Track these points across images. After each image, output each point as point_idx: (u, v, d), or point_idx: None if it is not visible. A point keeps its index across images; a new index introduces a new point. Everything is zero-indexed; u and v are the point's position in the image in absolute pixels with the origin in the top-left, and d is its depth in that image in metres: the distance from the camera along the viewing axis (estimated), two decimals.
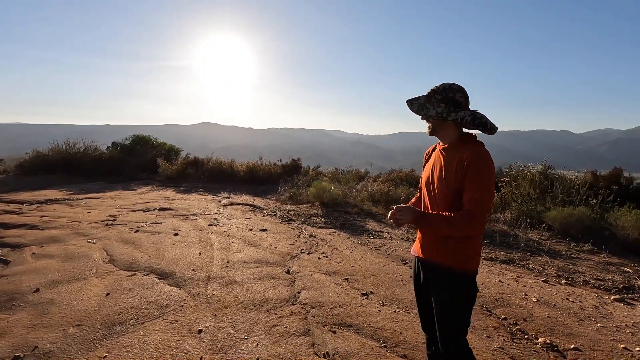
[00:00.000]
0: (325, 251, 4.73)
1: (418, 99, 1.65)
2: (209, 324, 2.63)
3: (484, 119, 1.56)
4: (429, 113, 1.60)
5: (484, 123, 1.56)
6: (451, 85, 1.61)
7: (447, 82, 1.64)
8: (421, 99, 1.65)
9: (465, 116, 1.55)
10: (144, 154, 15.41)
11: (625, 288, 3.69)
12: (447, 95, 1.59)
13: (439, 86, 1.62)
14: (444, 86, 1.61)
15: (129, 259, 4.08)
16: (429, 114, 1.61)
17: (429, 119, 1.63)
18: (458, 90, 1.59)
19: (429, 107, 1.61)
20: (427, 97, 1.64)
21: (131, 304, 2.91)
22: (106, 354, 2.25)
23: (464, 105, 1.59)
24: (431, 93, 1.63)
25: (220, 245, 4.74)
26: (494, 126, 1.58)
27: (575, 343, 2.52)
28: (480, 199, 1.46)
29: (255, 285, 3.42)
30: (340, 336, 2.54)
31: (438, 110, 1.58)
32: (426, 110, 1.61)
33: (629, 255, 4.83)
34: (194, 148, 27.11)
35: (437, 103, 1.60)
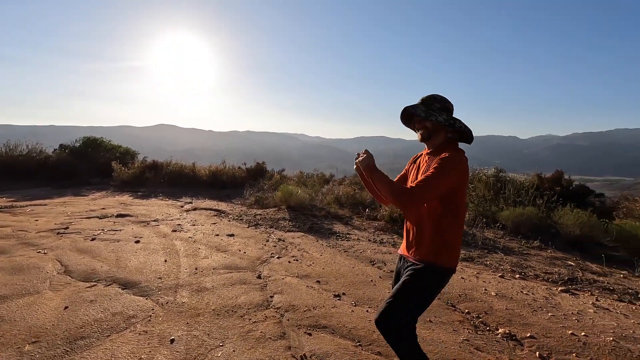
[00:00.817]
0: (295, 255, 4.74)
1: (417, 107, 1.75)
2: (181, 333, 2.55)
3: (462, 126, 1.73)
4: (438, 119, 1.71)
5: (461, 129, 1.74)
6: (442, 96, 1.76)
7: (433, 93, 1.78)
8: (422, 107, 1.75)
9: (463, 126, 1.71)
10: (97, 158, 14.47)
11: (570, 280, 4.07)
12: (444, 105, 1.74)
13: (436, 96, 1.76)
14: (440, 96, 1.76)
15: (87, 269, 3.83)
16: (438, 120, 1.71)
17: (438, 124, 1.73)
18: (448, 101, 1.76)
19: (435, 113, 1.72)
20: (426, 105, 1.75)
21: (94, 316, 2.74)
22: None
23: (452, 113, 1.78)
24: (429, 102, 1.75)
25: (187, 252, 4.59)
26: (471, 135, 1.77)
27: (530, 332, 2.75)
28: (425, 184, 1.58)
29: (227, 291, 3.35)
30: (316, 338, 2.57)
31: (444, 117, 1.71)
32: (436, 116, 1.71)
33: (572, 250, 5.32)
34: (149, 151, 25.85)
35: (439, 111, 1.73)
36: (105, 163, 13.91)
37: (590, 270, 4.45)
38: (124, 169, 12.65)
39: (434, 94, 1.77)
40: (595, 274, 4.32)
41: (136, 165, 13.19)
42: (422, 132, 1.77)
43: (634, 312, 3.26)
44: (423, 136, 1.78)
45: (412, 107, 1.75)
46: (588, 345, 2.56)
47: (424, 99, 1.76)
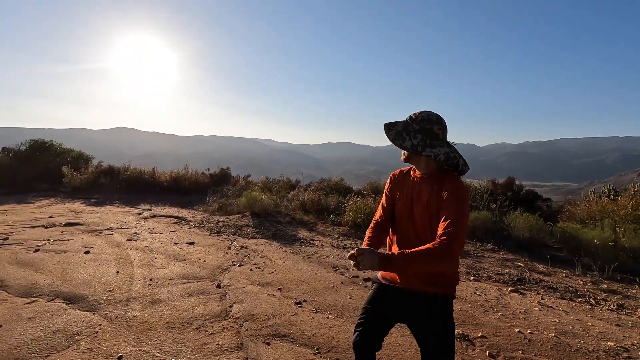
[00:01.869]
0: (258, 262, 4.66)
1: (395, 125, 1.58)
2: (131, 349, 2.40)
3: (457, 159, 1.52)
4: (404, 144, 1.54)
5: (455, 164, 1.52)
6: (429, 115, 1.54)
7: (426, 110, 1.57)
8: (399, 126, 1.58)
9: (439, 154, 1.49)
10: (45, 162, 13.45)
11: (519, 280, 4.32)
12: (424, 126, 1.53)
13: (418, 115, 1.56)
14: (422, 116, 1.54)
15: (27, 283, 3.53)
16: (404, 145, 1.54)
17: (403, 150, 1.57)
18: (436, 122, 1.53)
19: (405, 136, 1.54)
20: (404, 124, 1.58)
21: (31, 335, 2.52)
22: None
23: (440, 137, 1.54)
24: (409, 121, 1.58)
25: (142, 262, 4.37)
26: (465, 167, 1.55)
27: (482, 332, 2.87)
28: (457, 223, 1.37)
29: (183, 302, 3.22)
30: (275, 347, 2.53)
31: (414, 142, 1.52)
32: (401, 141, 1.54)
33: (521, 252, 5.66)
34: (107, 155, 24.53)
35: (414, 133, 1.54)
36: (55, 168, 12.95)
37: (537, 270, 4.75)
38: (75, 174, 11.85)
39: (424, 111, 1.56)
40: (541, 273, 4.62)
41: (90, 170, 12.41)
42: (403, 152, 1.59)
43: (573, 308, 3.52)
44: (404, 157, 1.60)
45: (388, 124, 1.59)
46: (532, 342, 2.71)
47: (410, 116, 1.58)
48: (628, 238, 5.21)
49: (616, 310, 3.52)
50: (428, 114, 1.54)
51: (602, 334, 2.92)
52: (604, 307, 3.58)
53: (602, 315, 3.39)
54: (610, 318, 3.31)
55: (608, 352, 2.61)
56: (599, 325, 3.10)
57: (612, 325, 3.12)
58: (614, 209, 6.45)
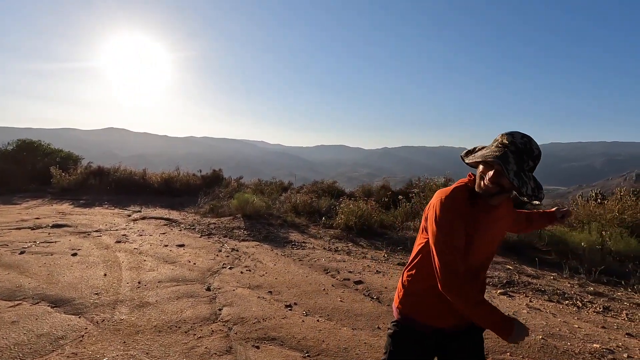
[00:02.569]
0: (248, 265, 4.63)
1: (506, 159, 1.17)
2: (117, 353, 2.37)
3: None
4: (528, 191, 1.18)
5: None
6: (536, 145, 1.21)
7: (527, 136, 1.21)
8: (510, 160, 1.17)
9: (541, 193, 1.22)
10: (33, 162, 13.20)
11: (508, 283, 4.37)
12: (537, 163, 1.22)
13: (534, 147, 1.20)
14: (539, 150, 1.21)
15: (11, 286, 3.45)
16: (528, 193, 1.18)
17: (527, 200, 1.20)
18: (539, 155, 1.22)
19: (525, 179, 1.19)
20: (516, 159, 1.19)
21: (14, 339, 2.47)
22: None
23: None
24: (521, 154, 1.19)
25: (130, 265, 4.31)
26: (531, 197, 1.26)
27: None
28: None
29: (172, 305, 3.18)
30: (264, 351, 2.51)
31: (532, 186, 1.20)
32: (525, 187, 1.17)
33: (510, 254, 5.71)
34: (97, 156, 24.21)
35: (528, 172, 1.22)
36: (43, 168, 12.73)
37: (525, 273, 4.80)
38: (64, 175, 11.66)
39: (531, 140, 1.20)
40: (529, 276, 4.67)
41: (79, 171, 12.21)
42: (493, 187, 1.22)
43: (561, 311, 3.56)
44: (490, 191, 1.23)
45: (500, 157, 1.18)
46: (520, 344, 2.74)
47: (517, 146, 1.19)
48: (614, 241, 5.30)
49: (602, 312, 3.57)
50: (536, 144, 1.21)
51: (588, 336, 2.96)
52: (590, 310, 3.63)
53: (588, 317, 3.43)
54: (596, 320, 3.35)
55: (594, 354, 2.64)
56: (585, 328, 3.14)
57: (598, 328, 3.17)
58: (601, 212, 6.56)
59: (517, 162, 1.18)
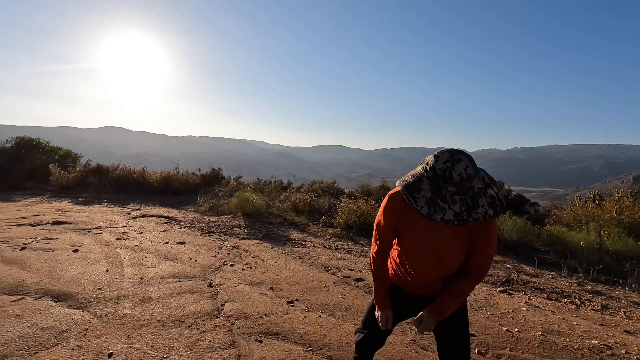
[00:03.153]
0: (249, 262, 4.65)
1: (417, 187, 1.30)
2: (121, 346, 2.38)
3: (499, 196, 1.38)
4: (446, 217, 1.29)
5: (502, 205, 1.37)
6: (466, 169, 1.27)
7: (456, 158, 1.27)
8: (423, 187, 1.30)
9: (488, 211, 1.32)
10: (32, 160, 13.18)
11: (507, 281, 4.40)
12: (463, 187, 1.29)
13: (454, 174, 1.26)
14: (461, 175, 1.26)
15: (14, 281, 3.46)
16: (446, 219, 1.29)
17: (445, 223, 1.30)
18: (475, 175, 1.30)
19: (441, 204, 1.29)
20: (433, 186, 1.31)
21: (19, 332, 2.48)
22: None
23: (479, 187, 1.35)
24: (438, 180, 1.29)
25: (132, 261, 4.32)
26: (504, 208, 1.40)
27: (471, 330, 2.92)
28: (491, 258, 1.45)
29: (174, 301, 3.20)
30: (267, 345, 2.54)
31: (455, 210, 1.29)
32: (442, 213, 1.29)
33: (509, 254, 5.76)
34: (95, 154, 24.15)
35: (450, 196, 1.30)
36: (41, 166, 12.71)
37: (524, 272, 4.84)
38: (63, 173, 11.64)
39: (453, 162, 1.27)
40: (528, 275, 4.71)
41: (78, 169, 12.20)
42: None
43: (560, 308, 3.60)
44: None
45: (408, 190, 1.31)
46: (520, 340, 2.77)
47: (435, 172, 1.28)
48: (612, 241, 5.35)
49: (600, 310, 3.61)
50: (465, 168, 1.25)
51: (586, 332, 3.00)
52: (588, 308, 3.67)
53: (587, 315, 3.47)
54: (594, 318, 3.39)
55: (592, 350, 2.68)
56: (583, 325, 3.17)
57: (596, 325, 3.20)
58: (599, 213, 6.61)
59: (433, 188, 1.29)
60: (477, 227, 1.37)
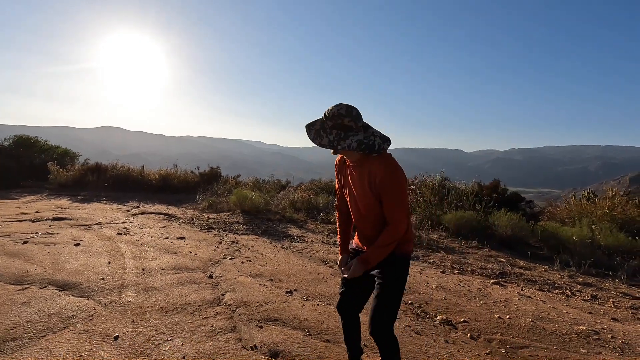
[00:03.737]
0: (249, 256, 4.74)
1: (314, 125, 1.68)
2: (126, 330, 2.47)
3: (371, 141, 1.63)
4: (322, 142, 1.64)
5: (370, 145, 1.62)
6: (339, 109, 1.61)
7: (337, 105, 1.64)
8: (317, 125, 1.67)
9: (352, 143, 1.61)
10: (30, 158, 13.21)
11: (501, 274, 4.51)
12: (336, 122, 1.61)
13: (329, 112, 1.63)
14: (333, 112, 1.61)
15: (18, 272, 3.54)
16: (322, 143, 1.64)
17: (322, 147, 1.66)
18: (346, 115, 1.60)
19: (322, 134, 1.64)
20: (321, 122, 1.67)
21: (26, 317, 2.56)
22: None
23: (354, 127, 1.63)
24: (324, 119, 1.66)
25: (133, 254, 4.40)
26: (382, 145, 1.64)
27: (464, 317, 3.02)
28: (398, 209, 1.63)
29: (176, 290, 3.29)
30: (267, 330, 2.63)
31: (330, 139, 1.63)
32: (320, 139, 1.65)
33: (504, 249, 5.87)
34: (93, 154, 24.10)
35: (329, 130, 1.64)
36: (40, 165, 12.74)
37: (518, 265, 4.95)
38: (62, 171, 11.68)
39: (335, 106, 1.64)
40: (522, 268, 4.82)
41: (76, 167, 12.25)
42: None
43: (551, 298, 3.70)
44: (333, 151, 1.70)
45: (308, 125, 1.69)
46: (511, 326, 2.87)
47: (324, 114, 1.66)
48: (604, 236, 5.47)
49: (590, 300, 3.72)
50: (338, 109, 1.62)
51: (575, 319, 3.11)
52: (578, 298, 3.78)
53: (576, 304, 3.58)
54: (584, 307, 3.50)
55: (580, 335, 2.78)
56: (573, 313, 3.28)
57: (585, 313, 3.31)
58: (592, 210, 6.74)
59: (320, 124, 1.67)
60: (377, 182, 1.65)
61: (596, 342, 2.69)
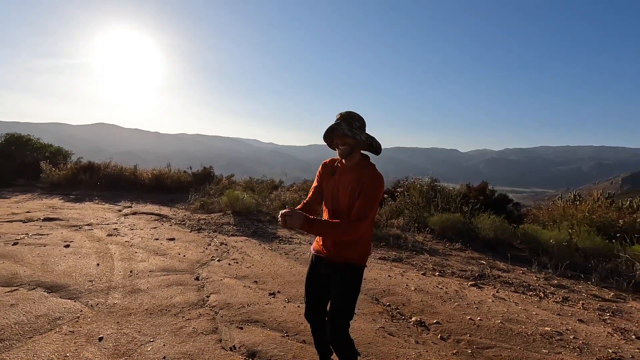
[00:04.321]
0: (236, 257, 4.85)
1: (341, 125, 1.81)
2: (111, 331, 2.58)
3: (375, 143, 1.91)
4: (361, 137, 1.82)
5: (375, 147, 1.92)
6: (353, 113, 1.85)
7: (350, 111, 1.86)
8: (345, 124, 1.82)
9: (376, 143, 1.89)
10: (22, 157, 13.19)
11: (480, 276, 4.67)
12: (362, 124, 1.85)
13: (354, 114, 1.85)
14: (358, 115, 1.85)
15: (7, 274, 3.62)
16: (361, 139, 1.82)
17: (361, 142, 1.84)
18: (358, 119, 1.85)
19: (357, 132, 1.82)
20: (348, 123, 1.82)
21: (14, 319, 2.66)
22: None
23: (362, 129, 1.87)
24: (349, 120, 1.83)
25: (122, 256, 4.50)
26: (380, 147, 1.93)
27: (437, 319, 3.17)
28: (365, 211, 1.75)
29: (162, 292, 3.40)
30: (247, 331, 2.75)
31: (365, 136, 1.85)
32: (358, 135, 1.81)
33: (486, 251, 6.04)
34: (86, 151, 24.06)
35: (358, 130, 1.83)
36: (32, 163, 12.73)
37: (497, 267, 5.12)
38: (54, 170, 11.69)
39: (351, 111, 1.84)
40: (501, 270, 4.99)
41: (69, 166, 12.26)
42: (344, 148, 1.83)
43: (524, 300, 3.87)
44: (345, 152, 1.84)
45: (337, 124, 1.82)
46: (480, 327, 3.02)
47: (344, 116, 1.82)
48: (581, 239, 5.65)
49: (561, 302, 3.89)
50: (357, 114, 1.87)
51: (542, 321, 3.27)
52: (550, 300, 3.95)
53: (547, 306, 3.74)
54: (554, 308, 3.67)
55: (544, 335, 2.94)
56: (542, 314, 3.44)
57: (554, 315, 3.47)
58: (574, 213, 6.93)
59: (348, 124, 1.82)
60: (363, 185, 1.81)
61: (558, 343, 2.85)
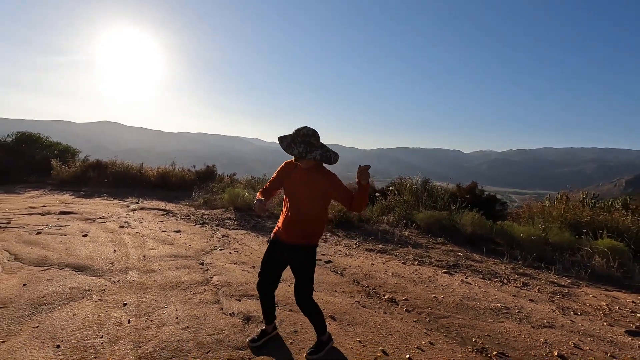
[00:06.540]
0: (237, 247, 5.41)
1: (286, 138, 2.31)
2: (132, 299, 3.14)
3: (329, 154, 2.31)
4: (293, 152, 2.26)
5: (327, 157, 2.31)
6: (307, 131, 2.28)
7: (304, 127, 2.30)
8: (288, 139, 2.31)
9: (316, 155, 2.27)
10: (32, 154, 13.79)
11: (454, 265, 5.21)
12: (305, 140, 2.27)
13: (300, 132, 2.28)
14: (303, 132, 2.27)
15: (38, 257, 4.19)
16: (293, 153, 2.27)
17: (293, 156, 2.32)
18: (312, 136, 2.28)
19: (293, 146, 2.27)
20: (292, 137, 2.30)
21: (53, 289, 3.23)
22: (38, 324, 2.63)
23: (316, 144, 2.29)
24: (294, 136, 2.30)
25: (135, 244, 5.06)
26: (335, 158, 2.34)
27: (406, 297, 3.71)
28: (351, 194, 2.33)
29: (172, 273, 3.96)
30: (244, 302, 3.30)
31: (299, 150, 2.26)
32: (291, 150, 2.27)
33: (466, 245, 6.57)
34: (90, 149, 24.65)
35: (298, 144, 2.27)
36: (41, 161, 13.35)
37: (472, 259, 5.65)
38: (64, 167, 12.30)
39: (303, 128, 2.28)
40: (475, 261, 5.52)
41: (78, 164, 12.86)
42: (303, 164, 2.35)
43: (487, 285, 4.41)
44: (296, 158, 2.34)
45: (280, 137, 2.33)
46: (441, 303, 3.57)
47: (295, 132, 2.29)
48: (552, 234, 6.18)
49: (520, 287, 4.43)
50: (306, 131, 2.29)
51: (497, 299, 3.81)
52: (512, 285, 4.48)
53: (507, 289, 4.28)
54: (512, 291, 4.20)
55: (493, 310, 3.48)
56: (498, 295, 3.98)
57: (509, 295, 4.01)
58: (550, 211, 7.46)
59: (292, 138, 2.29)
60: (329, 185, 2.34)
61: (504, 315, 3.39)
